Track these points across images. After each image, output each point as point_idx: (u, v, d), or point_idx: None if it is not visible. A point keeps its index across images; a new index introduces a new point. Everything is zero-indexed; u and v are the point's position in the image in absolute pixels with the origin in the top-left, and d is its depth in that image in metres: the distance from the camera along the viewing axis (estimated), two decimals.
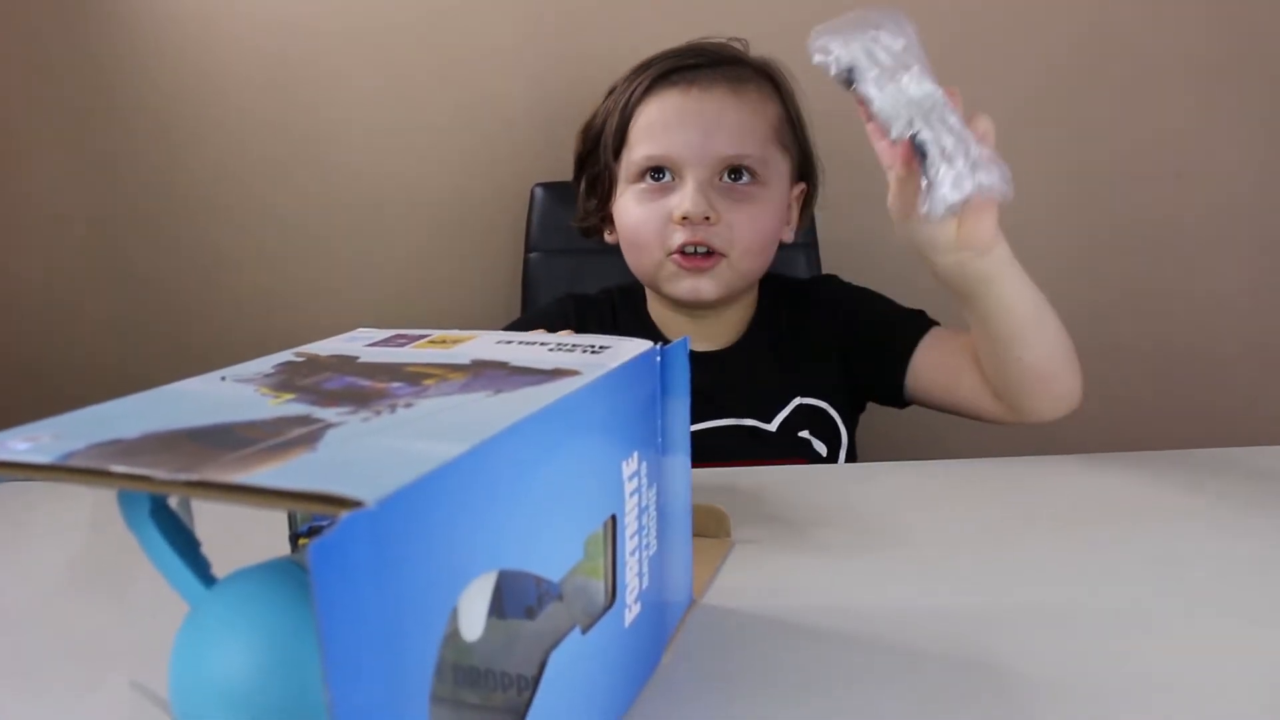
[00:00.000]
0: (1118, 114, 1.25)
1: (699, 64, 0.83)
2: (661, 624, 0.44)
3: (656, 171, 0.82)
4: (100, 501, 0.58)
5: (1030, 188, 1.27)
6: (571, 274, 1.09)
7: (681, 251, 0.81)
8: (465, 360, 0.38)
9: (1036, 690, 0.41)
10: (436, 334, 0.44)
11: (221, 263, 1.39)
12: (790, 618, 0.48)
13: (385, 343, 0.42)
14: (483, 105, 1.29)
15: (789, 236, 0.90)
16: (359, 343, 0.42)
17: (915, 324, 0.86)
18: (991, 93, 1.25)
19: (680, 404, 0.44)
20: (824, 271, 1.11)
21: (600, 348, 0.40)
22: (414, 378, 0.35)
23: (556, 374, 0.36)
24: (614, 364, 0.37)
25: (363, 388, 0.33)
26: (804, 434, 0.85)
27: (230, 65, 1.32)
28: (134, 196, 1.38)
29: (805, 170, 0.91)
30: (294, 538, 0.41)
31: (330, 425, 0.28)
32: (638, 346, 0.40)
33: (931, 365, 0.82)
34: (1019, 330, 0.68)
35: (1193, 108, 1.24)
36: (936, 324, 0.86)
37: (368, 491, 0.22)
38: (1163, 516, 0.59)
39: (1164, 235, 1.28)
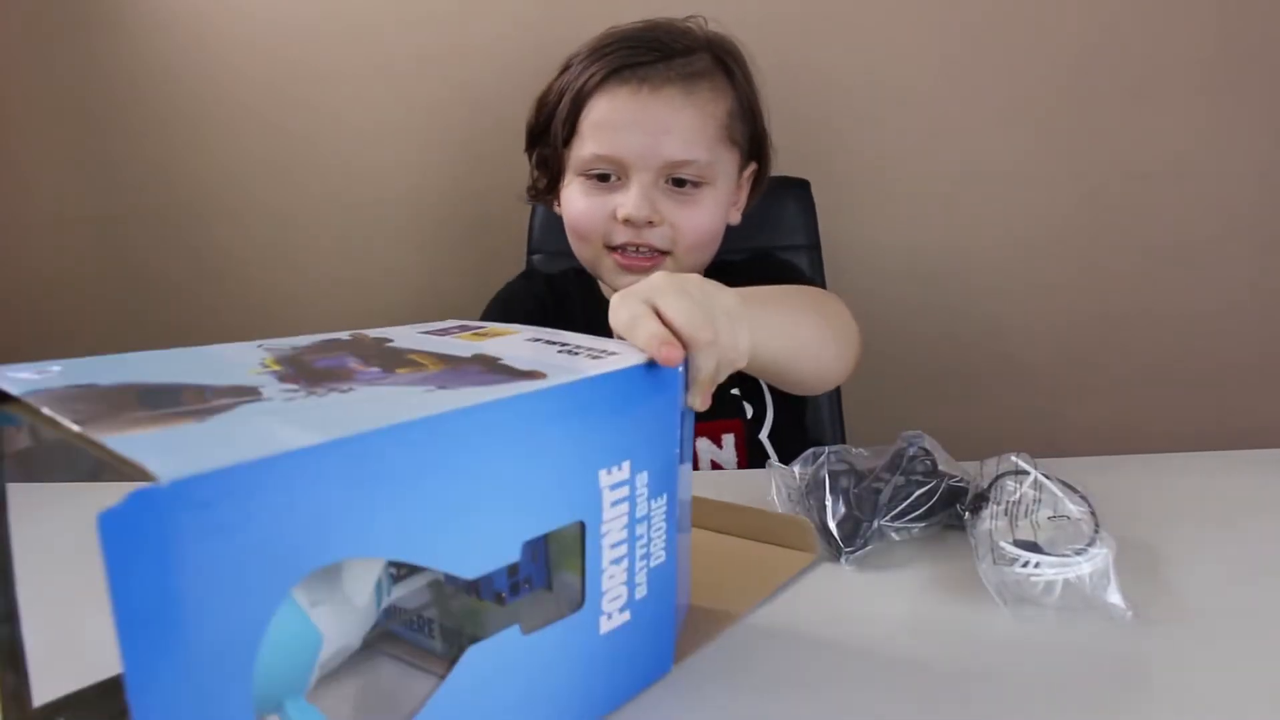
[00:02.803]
0: (1123, 119, 1.25)
1: (652, 59, 0.82)
2: (660, 634, 0.44)
3: (603, 173, 0.83)
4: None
5: (1036, 192, 1.27)
6: (551, 271, 1.09)
7: (623, 250, 0.83)
8: (467, 354, 0.38)
9: (1039, 699, 0.41)
10: (489, 327, 0.45)
11: (225, 262, 1.39)
12: (798, 626, 0.48)
13: (440, 331, 0.44)
14: (486, 105, 1.30)
15: (735, 218, 0.90)
16: (421, 330, 0.44)
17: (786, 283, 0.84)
18: (997, 97, 1.25)
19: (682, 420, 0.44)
20: (826, 273, 1.11)
21: (604, 354, 0.40)
22: (396, 364, 0.36)
23: (525, 376, 0.36)
24: (593, 372, 0.37)
25: (342, 370, 0.34)
26: (735, 391, 0.86)
27: (233, 66, 1.32)
28: (137, 197, 1.38)
29: (756, 151, 0.90)
30: None
31: (255, 400, 0.30)
32: (638, 358, 0.40)
33: None
34: (786, 376, 0.64)
35: (1197, 112, 1.24)
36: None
37: (171, 469, 0.23)
38: (1163, 518, 0.60)
39: (1168, 238, 1.28)
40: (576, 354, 0.40)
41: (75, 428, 0.25)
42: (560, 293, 0.95)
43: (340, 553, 0.29)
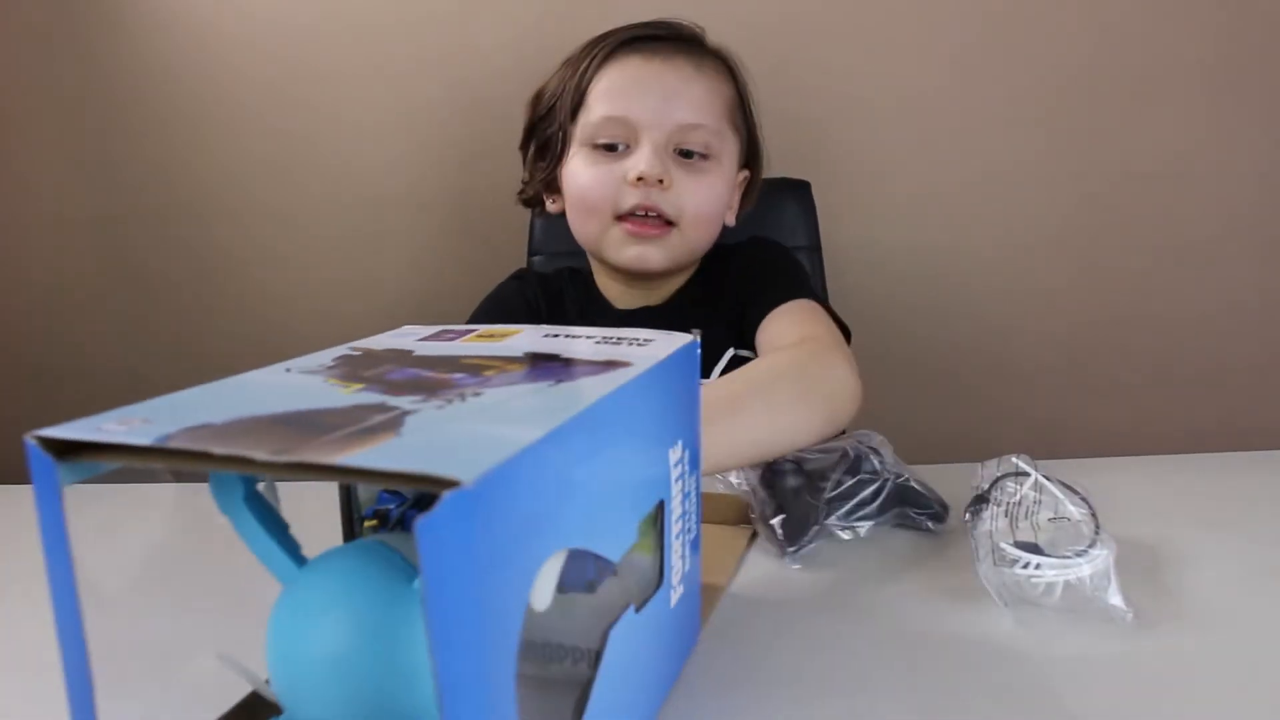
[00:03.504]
0: (1123, 120, 1.25)
1: (662, 35, 0.83)
2: (696, 605, 0.46)
3: (611, 140, 0.82)
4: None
5: (1036, 193, 1.27)
6: (545, 270, 1.09)
7: (632, 215, 0.81)
8: (519, 353, 0.40)
9: (1039, 701, 0.41)
10: (482, 329, 0.45)
11: (225, 263, 1.39)
12: (794, 626, 0.48)
13: (434, 337, 0.43)
14: (485, 104, 1.30)
15: (730, 220, 0.90)
16: (410, 338, 0.43)
17: (777, 292, 0.82)
18: (998, 98, 1.25)
19: None
20: (826, 274, 1.11)
21: (645, 341, 0.42)
22: (474, 369, 0.36)
23: (610, 365, 0.37)
24: (662, 356, 0.39)
25: (427, 378, 0.35)
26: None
27: (234, 67, 1.33)
28: (137, 197, 1.38)
29: (751, 157, 0.90)
30: (358, 520, 0.42)
31: (407, 412, 0.29)
32: (677, 340, 0.42)
33: (760, 339, 0.80)
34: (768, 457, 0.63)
35: (1198, 113, 1.24)
36: (802, 299, 0.82)
37: (465, 471, 0.23)
38: (1164, 519, 0.59)
39: (1169, 239, 1.28)
40: (620, 344, 0.41)
41: (283, 459, 0.24)
42: (554, 293, 0.94)
43: (558, 543, 0.30)
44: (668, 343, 0.41)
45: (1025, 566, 0.48)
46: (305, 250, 1.38)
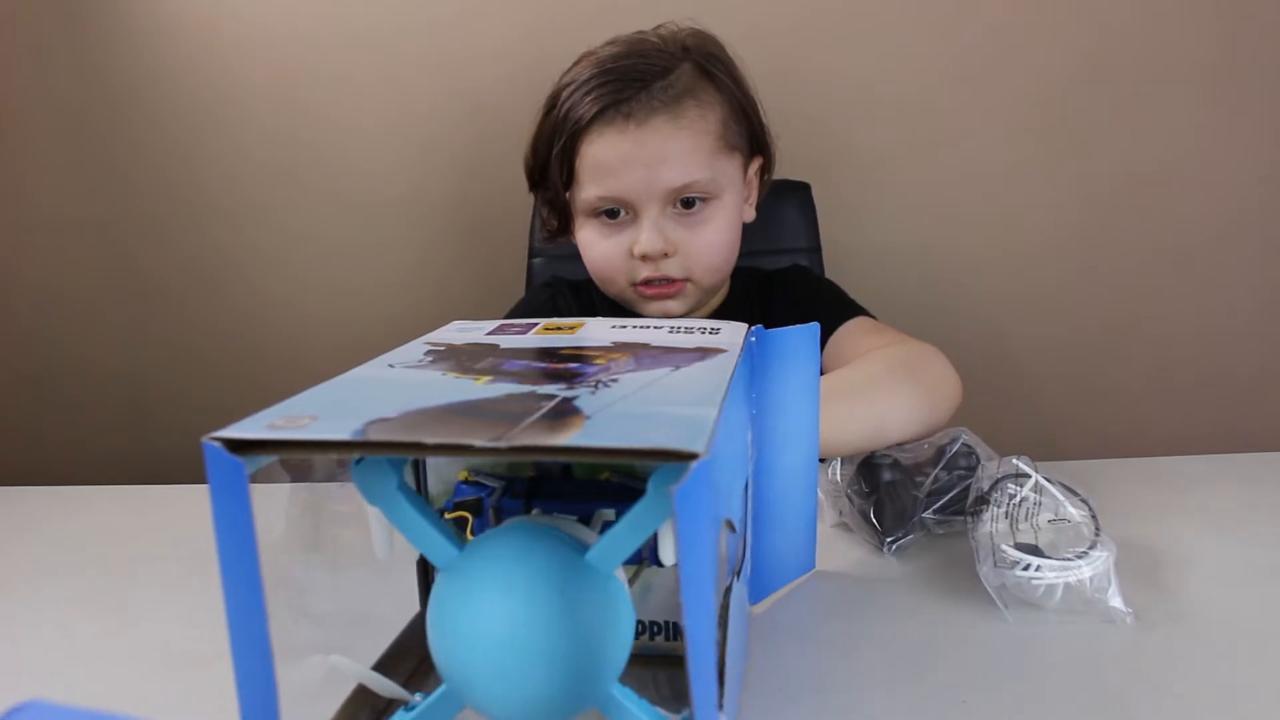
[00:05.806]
0: (1124, 122, 1.25)
1: (633, 91, 0.80)
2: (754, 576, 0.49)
3: (611, 209, 0.83)
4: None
5: (1037, 195, 1.27)
6: (575, 278, 1.09)
7: (647, 282, 0.84)
8: (607, 343, 0.41)
9: (1040, 702, 0.41)
10: (545, 322, 0.45)
11: (224, 267, 1.39)
12: (793, 624, 0.48)
13: (498, 331, 0.44)
14: (486, 109, 1.30)
15: (750, 215, 0.90)
16: (477, 332, 0.44)
17: (839, 311, 0.87)
18: (998, 100, 1.25)
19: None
20: (827, 275, 1.11)
21: (714, 330, 0.43)
22: (585, 359, 0.37)
23: (705, 352, 0.38)
24: (739, 342, 0.40)
25: (546, 369, 0.36)
26: None
27: (235, 71, 1.32)
28: (139, 202, 1.38)
29: (759, 145, 0.90)
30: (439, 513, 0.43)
31: (570, 399, 0.31)
32: (742, 329, 0.43)
33: (832, 353, 0.83)
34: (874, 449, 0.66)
35: (1199, 115, 1.24)
36: (865, 315, 0.88)
37: (698, 444, 0.25)
38: (1164, 521, 0.59)
39: (1170, 241, 1.28)
40: (694, 333, 0.42)
41: (504, 444, 0.26)
42: (586, 303, 0.95)
43: (724, 511, 0.32)
44: (735, 331, 0.42)
45: (1026, 568, 0.48)
46: (305, 254, 1.37)
